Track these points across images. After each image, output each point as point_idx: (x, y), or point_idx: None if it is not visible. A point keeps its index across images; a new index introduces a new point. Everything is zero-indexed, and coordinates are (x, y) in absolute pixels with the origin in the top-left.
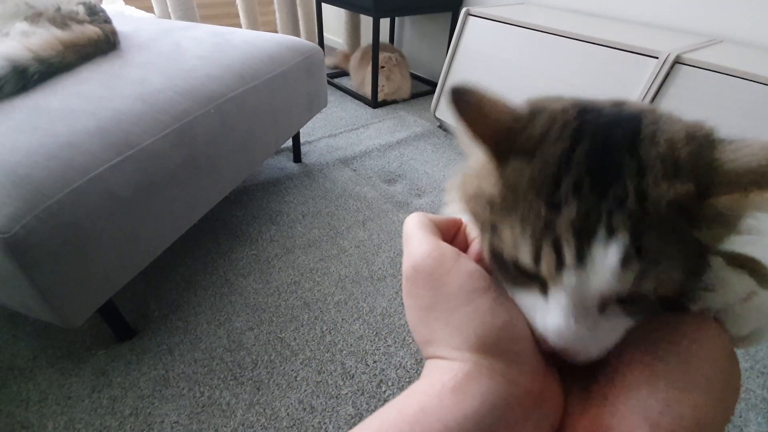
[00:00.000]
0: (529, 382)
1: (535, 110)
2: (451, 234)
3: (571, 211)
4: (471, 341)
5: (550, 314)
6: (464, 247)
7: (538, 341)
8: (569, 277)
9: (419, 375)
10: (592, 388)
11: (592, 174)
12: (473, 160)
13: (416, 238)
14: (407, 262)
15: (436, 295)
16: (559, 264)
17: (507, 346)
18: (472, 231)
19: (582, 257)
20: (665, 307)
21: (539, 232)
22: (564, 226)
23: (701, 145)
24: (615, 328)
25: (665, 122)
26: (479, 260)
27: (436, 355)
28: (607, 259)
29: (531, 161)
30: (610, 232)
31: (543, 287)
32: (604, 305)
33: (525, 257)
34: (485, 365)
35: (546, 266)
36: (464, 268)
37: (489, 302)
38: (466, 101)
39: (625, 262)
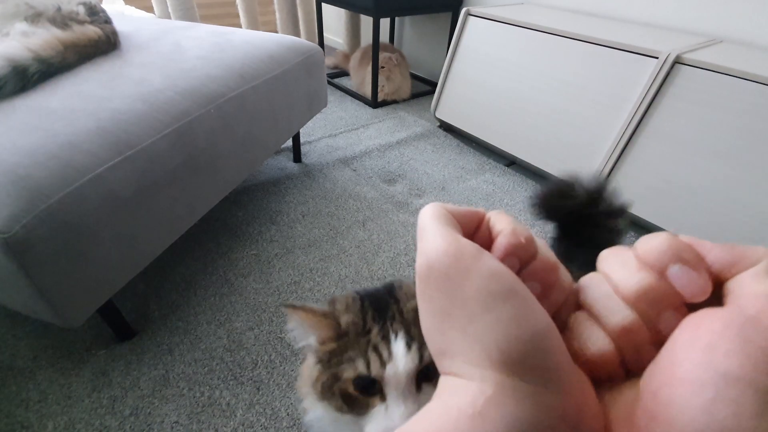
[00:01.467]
0: (563, 405)
1: (332, 301)
2: (473, 227)
3: (376, 330)
4: (493, 357)
5: (392, 410)
6: (487, 242)
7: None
8: (390, 368)
9: None
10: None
11: (376, 310)
12: (307, 361)
13: (431, 232)
14: (420, 259)
15: (452, 298)
16: (381, 363)
17: (536, 362)
18: (498, 222)
19: (390, 353)
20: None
21: (364, 349)
22: (375, 339)
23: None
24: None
25: (405, 283)
26: (506, 257)
27: (452, 371)
28: (400, 348)
29: (347, 322)
30: (396, 334)
31: (382, 396)
32: (419, 384)
33: (362, 368)
34: (510, 387)
35: (374, 366)
36: (486, 267)
37: (515, 309)
38: (299, 305)
39: (408, 346)
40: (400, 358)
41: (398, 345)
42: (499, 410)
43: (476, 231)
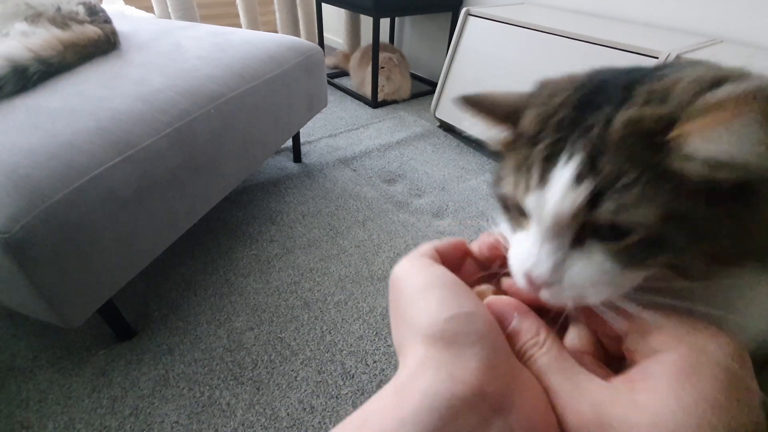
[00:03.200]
0: (482, 384)
1: (543, 85)
2: (456, 256)
3: (545, 143)
4: (418, 336)
5: (529, 249)
6: (472, 270)
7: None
8: (531, 198)
9: None
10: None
11: (577, 110)
12: None
13: (404, 259)
14: (391, 277)
15: (398, 297)
16: (526, 187)
17: (453, 338)
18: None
19: (544, 179)
20: (658, 262)
21: (520, 164)
22: (536, 156)
23: (701, 86)
24: (596, 269)
25: (693, 68)
26: (470, 275)
27: (401, 359)
28: (561, 178)
29: (538, 109)
30: (570, 155)
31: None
32: (580, 238)
33: (509, 188)
34: (429, 361)
35: (519, 191)
36: (425, 270)
37: (439, 297)
38: (476, 97)
39: (578, 179)
40: (555, 190)
41: (561, 173)
42: (416, 383)
43: (462, 261)
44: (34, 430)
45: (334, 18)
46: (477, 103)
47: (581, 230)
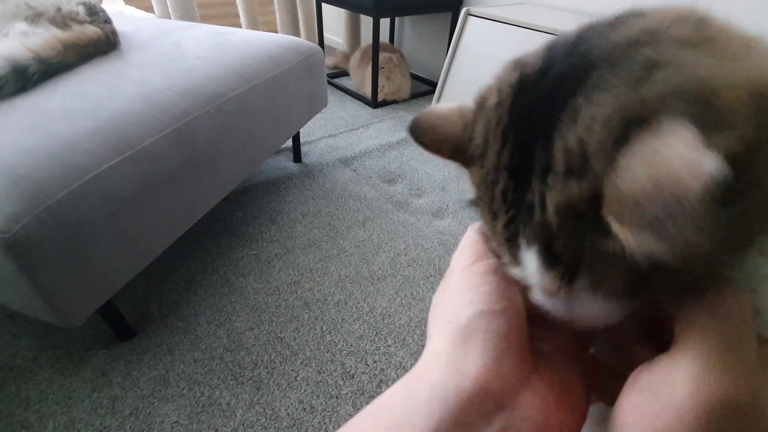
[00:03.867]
0: (488, 380)
1: (479, 109)
2: None
3: (501, 222)
4: (446, 329)
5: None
6: None
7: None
8: (513, 271)
9: None
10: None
11: (514, 178)
12: None
13: (463, 245)
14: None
15: (445, 286)
16: (506, 263)
17: (471, 334)
18: None
19: (516, 259)
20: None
21: (492, 236)
22: (499, 236)
23: (616, 136)
24: (592, 303)
25: (614, 81)
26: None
27: (427, 346)
28: (531, 264)
29: (482, 167)
30: (528, 243)
31: None
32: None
33: (491, 239)
34: (442, 355)
35: (499, 254)
36: (475, 267)
37: (474, 295)
38: (422, 128)
39: (545, 266)
40: (531, 273)
41: (529, 259)
42: (427, 375)
43: None
44: (34, 430)
45: (334, 18)
46: (420, 136)
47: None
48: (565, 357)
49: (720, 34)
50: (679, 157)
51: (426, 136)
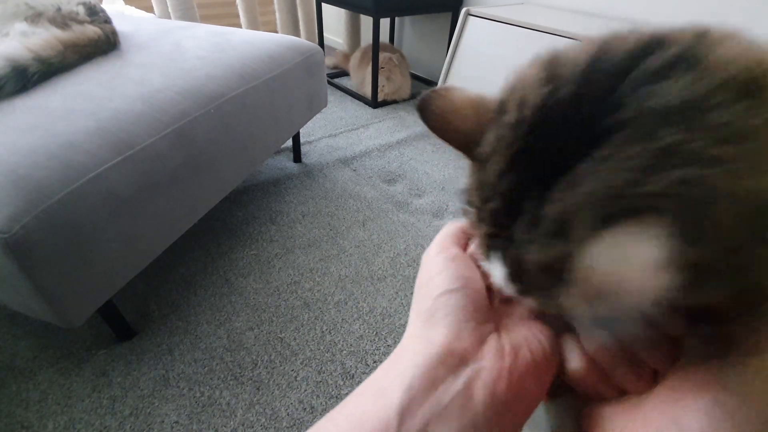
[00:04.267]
0: (447, 341)
1: (498, 113)
2: None
3: (484, 230)
4: (418, 315)
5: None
6: None
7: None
8: (484, 262)
9: None
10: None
11: (506, 206)
12: None
13: (435, 239)
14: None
15: (419, 279)
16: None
17: (436, 311)
18: None
19: (489, 257)
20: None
21: (475, 230)
22: (481, 237)
23: (600, 216)
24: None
25: (623, 160)
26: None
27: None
28: (496, 271)
29: (482, 171)
30: (500, 259)
31: None
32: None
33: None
34: (417, 334)
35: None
36: (443, 256)
37: (439, 282)
38: (431, 111)
39: (508, 279)
40: (497, 275)
41: (496, 267)
42: (403, 351)
43: None
44: (34, 430)
45: (334, 18)
46: (428, 118)
47: None
48: (526, 324)
49: None
50: (637, 266)
51: (435, 120)
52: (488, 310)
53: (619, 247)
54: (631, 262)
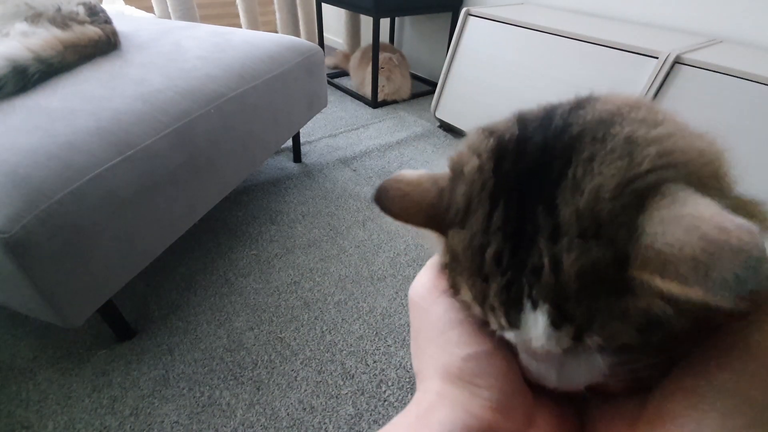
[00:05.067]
0: (492, 416)
1: (456, 174)
2: None
3: (496, 285)
4: (438, 371)
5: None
6: None
7: (526, 381)
8: (509, 335)
9: None
10: (641, 416)
11: (510, 241)
12: None
13: (423, 269)
14: (410, 290)
15: (420, 324)
16: (501, 327)
17: (470, 378)
18: None
19: (515, 323)
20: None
21: (480, 300)
22: (493, 299)
23: (626, 203)
24: (591, 363)
25: (605, 154)
26: None
27: (419, 385)
28: (537, 325)
29: (463, 230)
30: (534, 304)
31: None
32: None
33: (473, 308)
34: (448, 396)
35: (495, 326)
36: (446, 301)
37: (459, 334)
38: (389, 197)
39: (555, 326)
40: (537, 334)
41: (535, 320)
42: (435, 414)
43: None
44: (34, 430)
45: (334, 18)
46: (388, 205)
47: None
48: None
49: (666, 116)
50: (718, 218)
51: (394, 204)
52: (521, 377)
53: (683, 212)
54: (709, 217)
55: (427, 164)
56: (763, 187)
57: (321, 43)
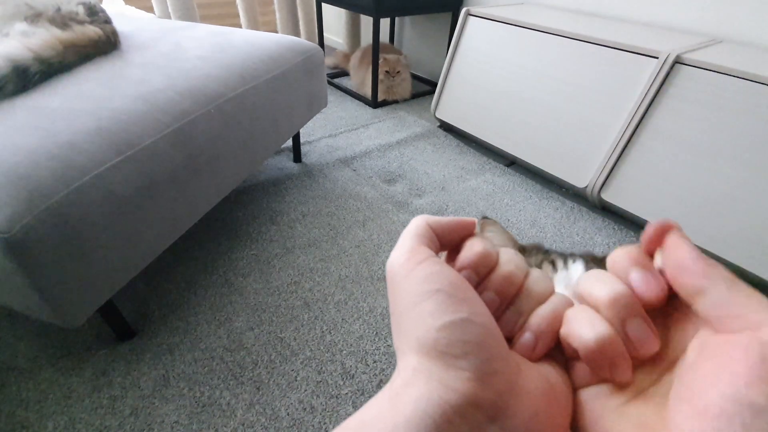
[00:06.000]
0: (470, 387)
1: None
2: (459, 238)
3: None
4: (412, 344)
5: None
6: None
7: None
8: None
9: None
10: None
11: None
12: None
13: (399, 242)
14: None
15: (395, 298)
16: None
17: (446, 348)
18: (468, 240)
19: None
20: None
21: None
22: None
23: None
24: None
25: None
26: (461, 269)
27: (398, 363)
28: (581, 268)
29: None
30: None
31: None
32: None
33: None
34: (422, 370)
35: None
36: (422, 271)
37: (433, 304)
38: None
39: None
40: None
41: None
42: (409, 390)
43: (462, 240)
44: (34, 430)
45: (334, 18)
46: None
47: None
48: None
49: None
50: None
51: None
52: (504, 343)
53: None
54: None
55: (427, 164)
56: (763, 186)
57: (321, 43)
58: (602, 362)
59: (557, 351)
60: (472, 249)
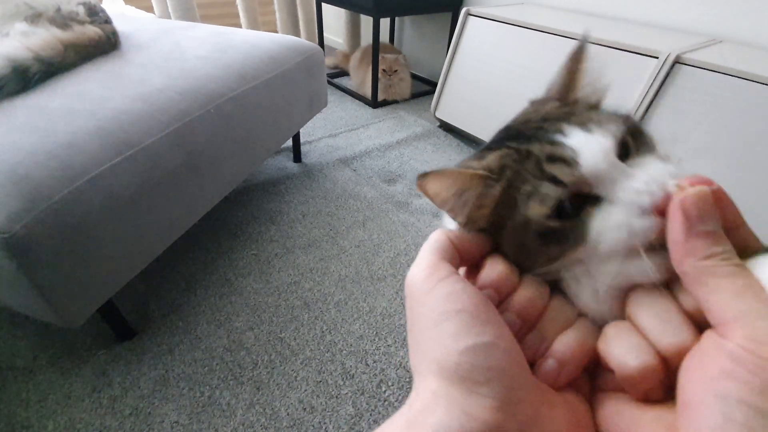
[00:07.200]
0: (493, 417)
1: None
2: (479, 254)
3: (537, 146)
4: (432, 366)
5: (619, 206)
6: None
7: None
8: (584, 159)
9: None
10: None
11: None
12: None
13: (419, 256)
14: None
15: (414, 316)
16: (568, 164)
17: (468, 374)
18: (489, 259)
19: (572, 149)
20: None
21: (537, 169)
22: (541, 152)
23: None
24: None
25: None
26: (482, 288)
27: (415, 383)
28: (582, 137)
29: (495, 161)
30: (565, 132)
31: (592, 201)
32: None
33: (549, 189)
34: (443, 395)
35: (563, 173)
36: (444, 289)
37: (455, 325)
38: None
39: (589, 131)
40: (587, 143)
41: (575, 137)
42: (428, 416)
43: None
44: (34, 430)
45: (334, 18)
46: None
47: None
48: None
49: None
50: None
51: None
52: (528, 370)
53: None
54: None
55: (427, 164)
56: (763, 186)
57: (321, 43)
58: (640, 387)
59: (582, 379)
60: (495, 267)
